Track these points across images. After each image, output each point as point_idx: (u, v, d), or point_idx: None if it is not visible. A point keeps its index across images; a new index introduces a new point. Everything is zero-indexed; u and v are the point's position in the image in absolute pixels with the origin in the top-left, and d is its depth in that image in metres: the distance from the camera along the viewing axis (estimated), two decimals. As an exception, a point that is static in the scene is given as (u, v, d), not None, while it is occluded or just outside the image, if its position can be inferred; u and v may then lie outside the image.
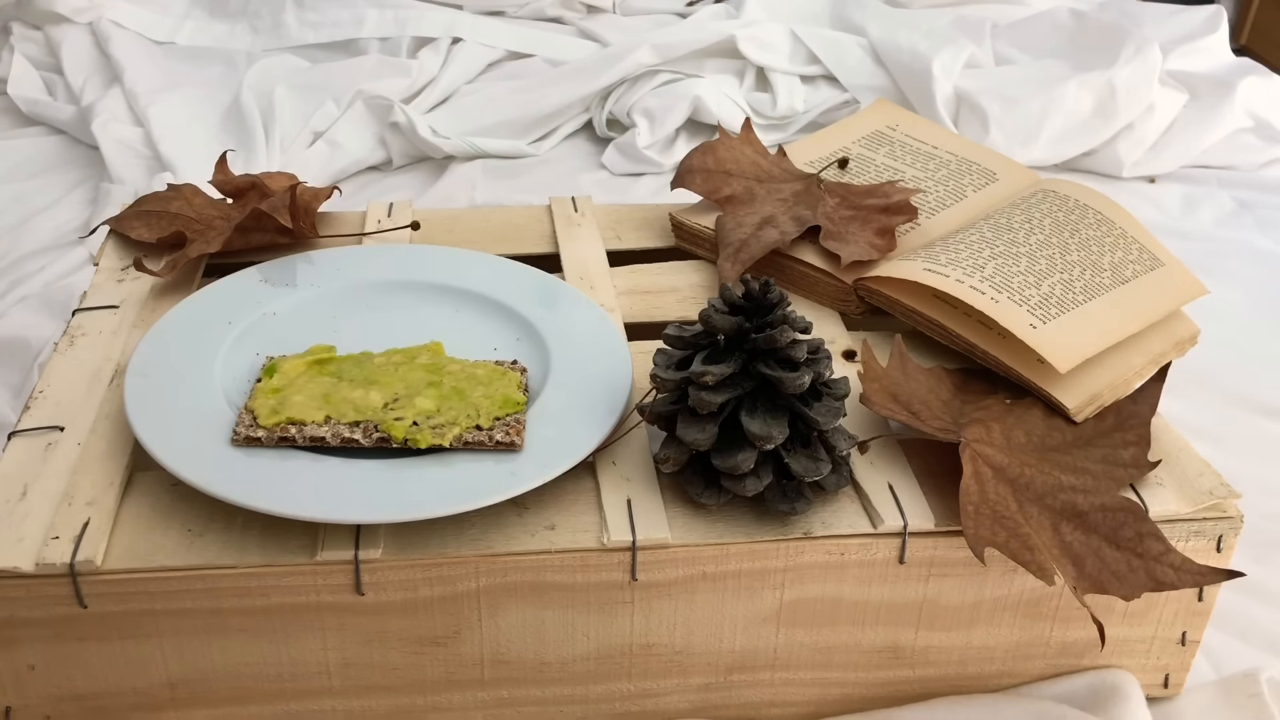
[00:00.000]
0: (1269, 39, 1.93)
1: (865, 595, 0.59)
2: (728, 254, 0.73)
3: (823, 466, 0.56)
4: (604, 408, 0.61)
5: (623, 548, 0.55)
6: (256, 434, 0.57)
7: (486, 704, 0.60)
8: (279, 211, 0.74)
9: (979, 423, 0.60)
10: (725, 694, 0.61)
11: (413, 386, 0.60)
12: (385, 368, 0.62)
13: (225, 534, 0.55)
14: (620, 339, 0.66)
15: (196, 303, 0.67)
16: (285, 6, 1.39)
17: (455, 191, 1.14)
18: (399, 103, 1.19)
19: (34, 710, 0.57)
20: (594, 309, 0.69)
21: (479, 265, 0.73)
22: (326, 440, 0.57)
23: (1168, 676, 0.65)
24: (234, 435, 0.57)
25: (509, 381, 0.61)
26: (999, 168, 0.80)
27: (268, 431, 0.57)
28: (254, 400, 0.59)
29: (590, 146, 1.26)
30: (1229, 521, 0.59)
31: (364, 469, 0.56)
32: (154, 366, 0.62)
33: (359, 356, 0.63)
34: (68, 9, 1.34)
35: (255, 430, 0.57)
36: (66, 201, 1.11)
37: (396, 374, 0.61)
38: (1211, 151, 1.25)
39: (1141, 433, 0.62)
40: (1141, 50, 1.23)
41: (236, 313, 0.67)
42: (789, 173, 0.81)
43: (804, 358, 0.56)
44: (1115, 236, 0.71)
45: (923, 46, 1.28)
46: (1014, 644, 0.62)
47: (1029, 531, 0.56)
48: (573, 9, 1.47)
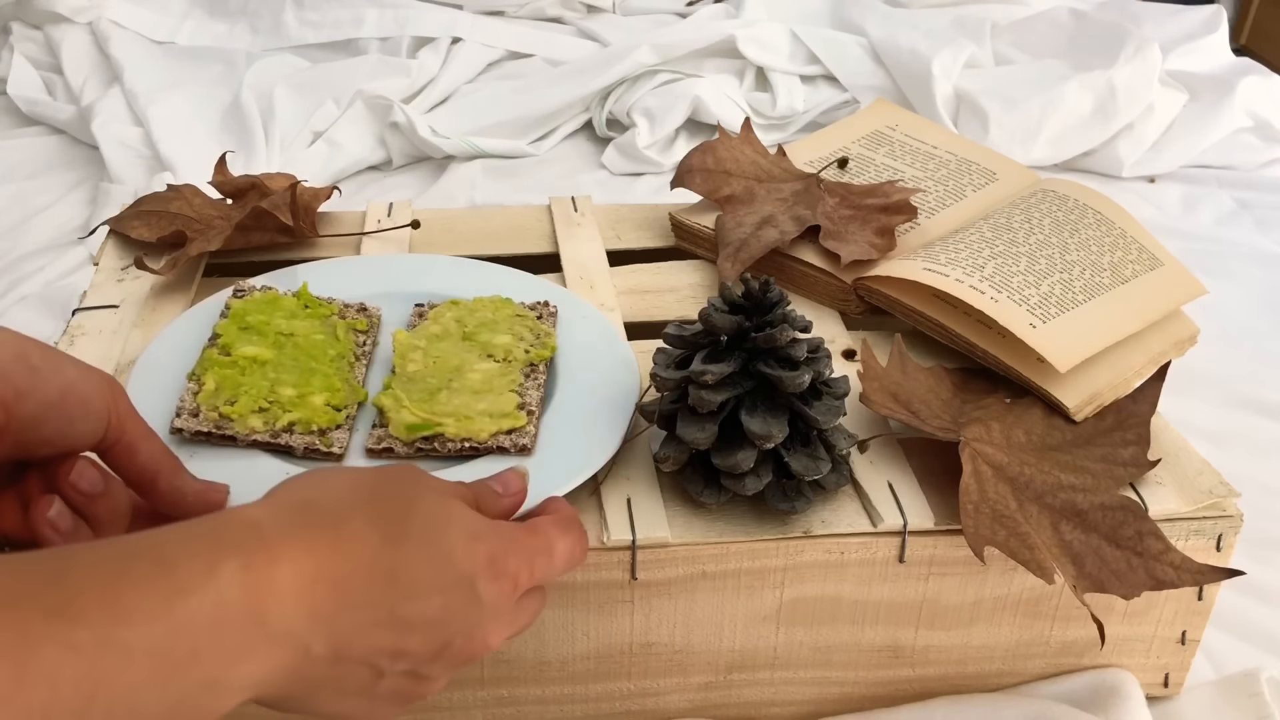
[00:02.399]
0: (1269, 39, 1.93)
1: (865, 594, 0.59)
2: (727, 253, 0.73)
3: (823, 465, 0.56)
4: (612, 419, 0.60)
5: (623, 546, 0.55)
6: (198, 426, 0.57)
7: (486, 704, 0.60)
8: (279, 210, 0.74)
9: (979, 422, 0.60)
10: (725, 693, 0.61)
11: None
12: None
13: (225, 533, 0.55)
14: (626, 347, 0.66)
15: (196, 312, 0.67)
16: (285, 6, 1.39)
17: (455, 191, 1.14)
18: (399, 102, 1.19)
19: (34, 709, 0.57)
20: (600, 317, 0.68)
21: (481, 273, 0.72)
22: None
23: (1168, 676, 0.65)
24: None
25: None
26: (999, 168, 0.80)
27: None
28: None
29: (590, 146, 1.26)
30: (1229, 520, 0.59)
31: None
32: (153, 369, 0.62)
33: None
34: (68, 9, 1.34)
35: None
36: (66, 201, 1.11)
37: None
38: (1211, 151, 1.25)
39: (1141, 432, 0.62)
40: (1141, 50, 1.23)
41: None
42: (789, 172, 0.81)
43: (804, 357, 0.56)
44: (1115, 236, 0.71)
45: (923, 46, 1.28)
46: (1014, 643, 0.62)
47: (1029, 530, 0.56)
48: (573, 9, 1.47)
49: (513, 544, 0.45)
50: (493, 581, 0.43)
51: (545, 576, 0.47)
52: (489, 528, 0.45)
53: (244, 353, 0.61)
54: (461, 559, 0.43)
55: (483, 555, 0.43)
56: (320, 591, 0.39)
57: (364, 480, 0.44)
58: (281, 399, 0.58)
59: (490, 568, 0.43)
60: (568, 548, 0.48)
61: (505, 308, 0.67)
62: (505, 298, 0.68)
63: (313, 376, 0.60)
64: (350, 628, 0.40)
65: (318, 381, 0.60)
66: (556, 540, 0.48)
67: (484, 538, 0.44)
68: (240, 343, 0.61)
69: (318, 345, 0.62)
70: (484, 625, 0.44)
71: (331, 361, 0.61)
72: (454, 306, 0.67)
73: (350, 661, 0.40)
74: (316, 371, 0.60)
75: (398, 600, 0.41)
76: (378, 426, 0.59)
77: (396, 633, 0.41)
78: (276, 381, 0.59)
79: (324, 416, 0.58)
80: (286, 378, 0.59)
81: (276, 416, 0.57)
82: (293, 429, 0.57)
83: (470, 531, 0.44)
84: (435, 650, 0.43)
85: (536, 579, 0.46)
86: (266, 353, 0.61)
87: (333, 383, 0.60)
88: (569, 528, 0.49)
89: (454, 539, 0.43)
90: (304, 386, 0.59)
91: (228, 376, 0.59)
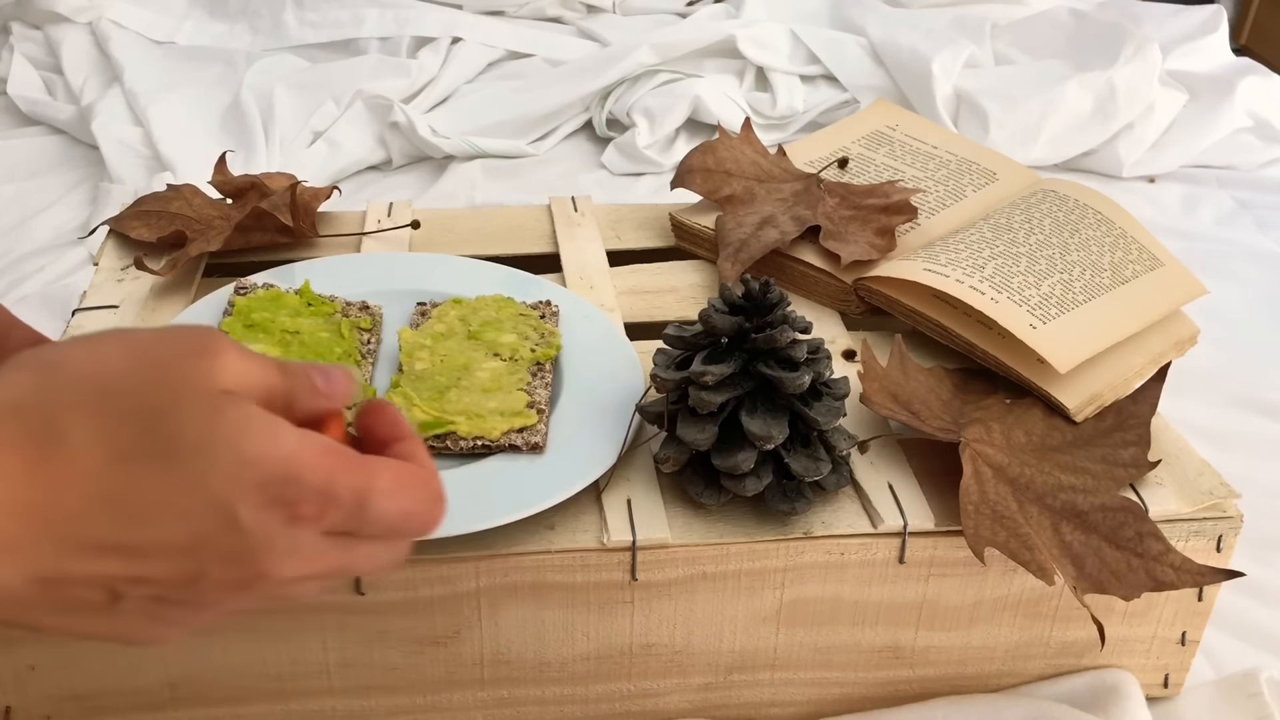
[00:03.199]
0: (1269, 39, 1.93)
1: (865, 595, 0.59)
2: (728, 254, 0.73)
3: (823, 466, 0.56)
4: (619, 418, 0.60)
5: (623, 547, 0.55)
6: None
7: (486, 704, 0.60)
8: (279, 210, 0.74)
9: (979, 423, 0.60)
10: (725, 694, 0.61)
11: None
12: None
13: (225, 534, 0.54)
14: (628, 347, 0.66)
15: (198, 309, 0.67)
16: (285, 6, 1.39)
17: (455, 191, 1.14)
18: (399, 102, 1.19)
19: (34, 710, 0.57)
20: (601, 317, 0.69)
21: (482, 273, 0.72)
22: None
23: (1167, 676, 0.65)
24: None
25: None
26: (999, 168, 0.80)
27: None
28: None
29: (590, 146, 1.26)
30: (1229, 521, 0.59)
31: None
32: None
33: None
34: (68, 9, 1.34)
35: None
36: (66, 201, 1.11)
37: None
38: (1211, 151, 1.25)
39: (1141, 433, 0.62)
40: (1141, 50, 1.23)
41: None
42: (789, 172, 0.80)
43: (804, 358, 0.56)
44: (1115, 236, 0.71)
45: (923, 46, 1.28)
46: (1014, 644, 0.62)
47: (1029, 531, 0.56)
48: (573, 9, 1.47)
49: (312, 473, 0.37)
50: (265, 509, 0.37)
51: (362, 525, 0.39)
52: (278, 448, 0.37)
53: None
54: (220, 482, 0.36)
55: (253, 480, 0.36)
56: (10, 524, 0.34)
57: (117, 366, 0.37)
58: None
59: (262, 493, 0.37)
60: (404, 507, 0.40)
61: (508, 307, 0.67)
62: (508, 297, 0.68)
63: None
64: (54, 557, 0.35)
65: None
66: (390, 489, 0.39)
67: (264, 461, 0.37)
68: (247, 341, 0.61)
69: (324, 343, 0.62)
70: (256, 555, 0.37)
71: (339, 359, 0.62)
72: (457, 305, 0.67)
73: (67, 586, 0.36)
74: None
75: (121, 528, 0.36)
76: None
77: (124, 560, 0.36)
78: None
79: None
80: None
81: None
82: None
83: (244, 454, 0.36)
84: (187, 577, 0.37)
85: (350, 525, 0.39)
86: (274, 350, 0.61)
87: None
88: (416, 484, 0.40)
89: (218, 457, 0.36)
90: None
91: None
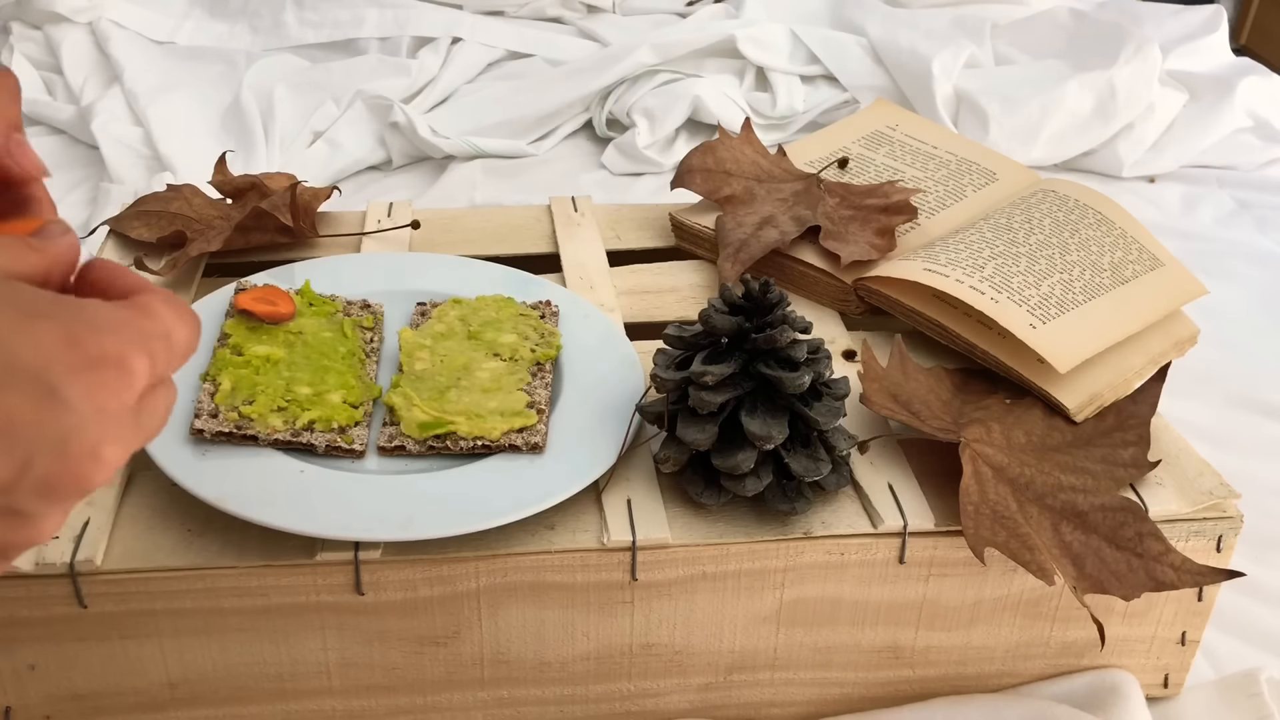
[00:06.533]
0: (1269, 39, 1.93)
1: (865, 595, 0.59)
2: (728, 254, 0.73)
3: (823, 466, 0.56)
4: (619, 418, 0.60)
5: (623, 548, 0.55)
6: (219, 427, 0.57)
7: (486, 704, 0.60)
8: (279, 210, 0.74)
9: (979, 423, 0.60)
10: (725, 694, 0.61)
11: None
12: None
13: (225, 534, 0.55)
14: (629, 347, 0.66)
15: (198, 309, 0.67)
16: (285, 6, 1.39)
17: (455, 191, 1.14)
18: (399, 102, 1.19)
19: (34, 710, 0.57)
20: (601, 317, 0.69)
21: (482, 273, 0.72)
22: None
23: (1167, 676, 0.65)
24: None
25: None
26: (999, 168, 0.80)
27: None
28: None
29: (590, 146, 1.26)
30: (1229, 521, 0.59)
31: (373, 481, 0.56)
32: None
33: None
34: (68, 9, 1.34)
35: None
36: (66, 201, 1.11)
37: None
38: (1211, 151, 1.25)
39: (1141, 433, 0.62)
40: (1141, 50, 1.23)
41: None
42: (789, 173, 0.80)
43: (804, 358, 0.56)
44: (1115, 236, 0.71)
45: (923, 46, 1.28)
46: (1014, 644, 0.62)
47: (1029, 531, 0.56)
48: (573, 9, 1.47)
49: (112, 323, 0.34)
50: (84, 373, 0.33)
51: (168, 369, 0.36)
52: (55, 303, 0.33)
53: (256, 352, 0.61)
54: (20, 345, 0.31)
55: (52, 338, 0.32)
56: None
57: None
58: (299, 397, 0.59)
59: (73, 353, 0.32)
60: (187, 334, 0.37)
61: (508, 307, 0.67)
62: (508, 297, 0.68)
63: (327, 374, 0.60)
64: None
65: (333, 379, 0.60)
66: (173, 322, 0.36)
67: (51, 314, 0.32)
68: (251, 342, 0.61)
69: (327, 343, 0.62)
70: (83, 433, 0.33)
71: (343, 359, 0.62)
72: (457, 305, 0.67)
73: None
74: (330, 369, 0.60)
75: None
76: (389, 424, 0.59)
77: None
78: (292, 380, 0.60)
79: (343, 414, 0.58)
80: (301, 376, 0.60)
81: (295, 415, 0.58)
82: (313, 427, 0.58)
83: (23, 305, 0.32)
84: (13, 475, 0.32)
85: (159, 372, 0.36)
86: (279, 351, 0.61)
87: (347, 380, 0.60)
88: (178, 305, 0.37)
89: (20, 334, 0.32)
90: (320, 384, 0.59)
91: (243, 376, 0.59)
